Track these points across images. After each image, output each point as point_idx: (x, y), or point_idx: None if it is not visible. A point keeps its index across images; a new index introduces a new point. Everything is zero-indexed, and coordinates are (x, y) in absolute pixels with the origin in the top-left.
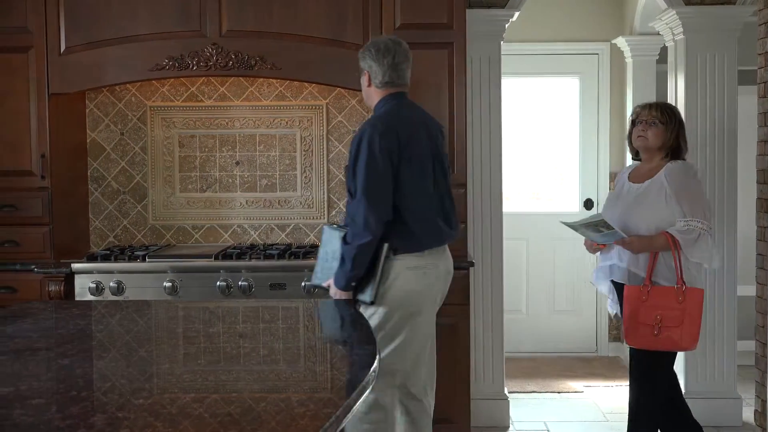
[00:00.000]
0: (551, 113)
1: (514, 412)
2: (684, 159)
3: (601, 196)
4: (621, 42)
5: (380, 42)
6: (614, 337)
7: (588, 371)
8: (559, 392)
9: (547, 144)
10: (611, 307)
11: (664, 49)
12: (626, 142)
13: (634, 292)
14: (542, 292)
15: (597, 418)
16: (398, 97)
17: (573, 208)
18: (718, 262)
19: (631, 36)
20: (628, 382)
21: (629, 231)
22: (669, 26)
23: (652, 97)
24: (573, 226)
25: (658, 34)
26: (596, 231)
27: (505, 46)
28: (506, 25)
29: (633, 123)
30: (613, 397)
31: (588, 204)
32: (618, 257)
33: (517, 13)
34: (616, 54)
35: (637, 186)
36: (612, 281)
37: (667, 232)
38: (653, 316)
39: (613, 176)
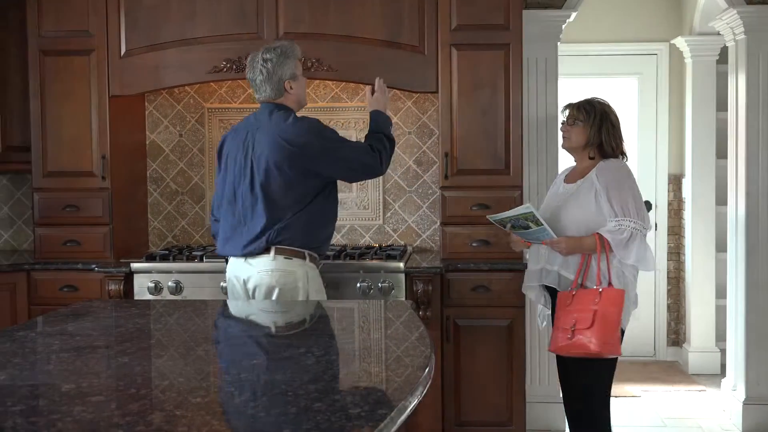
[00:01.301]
0: None
1: None
2: (618, 157)
3: (660, 198)
4: (680, 42)
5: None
6: (672, 341)
7: (646, 375)
8: (616, 396)
9: None
10: (540, 318)
11: (724, 50)
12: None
13: (563, 298)
14: None
15: (655, 424)
16: None
17: None
18: (653, 265)
19: (691, 36)
20: (687, 387)
21: (559, 232)
22: (729, 26)
23: (712, 99)
24: (501, 221)
25: (719, 34)
26: (525, 227)
27: (561, 47)
28: (563, 26)
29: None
30: (672, 402)
31: (646, 206)
32: (547, 260)
33: (574, 14)
34: (675, 54)
35: (569, 186)
36: (545, 286)
37: (597, 232)
38: (571, 320)
39: (672, 179)
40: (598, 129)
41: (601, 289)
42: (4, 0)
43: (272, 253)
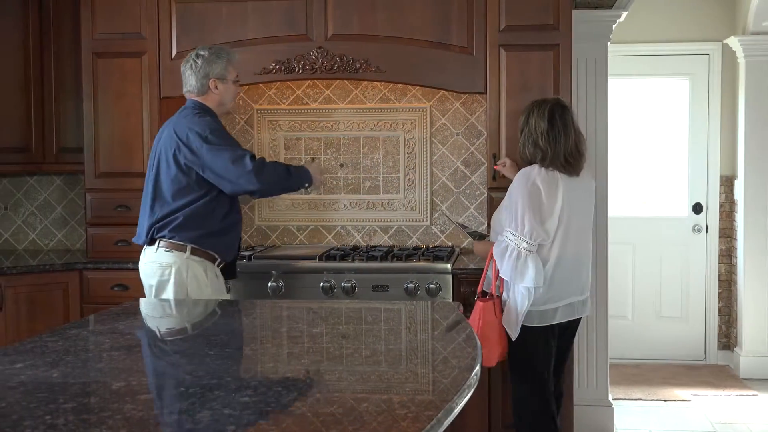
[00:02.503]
0: (659, 115)
1: (618, 420)
2: (537, 163)
3: (711, 200)
4: (733, 42)
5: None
6: (723, 345)
7: (696, 379)
8: (665, 400)
9: (654, 147)
10: None
11: None
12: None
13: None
14: (648, 297)
15: (705, 429)
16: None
17: (681, 212)
18: (530, 281)
19: (744, 36)
20: (739, 392)
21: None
22: None
23: (765, 100)
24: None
25: None
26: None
27: (611, 47)
28: (613, 26)
29: None
30: (722, 407)
31: (697, 208)
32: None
33: (624, 14)
34: (728, 54)
35: None
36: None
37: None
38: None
39: (724, 180)
40: (522, 138)
41: (477, 297)
42: (58, 4)
43: (155, 245)
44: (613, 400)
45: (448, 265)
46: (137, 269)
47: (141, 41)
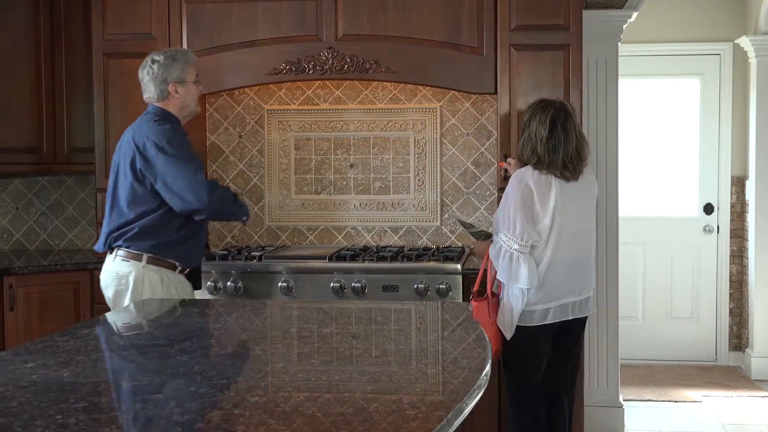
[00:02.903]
0: (670, 115)
1: (629, 421)
2: (533, 166)
3: (722, 200)
4: (744, 42)
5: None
6: (734, 346)
7: (707, 380)
8: (676, 401)
9: (665, 147)
10: None
11: None
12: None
13: None
14: (659, 298)
15: (716, 430)
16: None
17: (692, 212)
18: (525, 282)
19: (756, 35)
20: (750, 393)
21: None
22: None
23: None
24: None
25: None
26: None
27: (622, 47)
28: (624, 26)
29: None
30: (733, 408)
31: (708, 209)
32: None
33: (635, 14)
34: (739, 54)
35: None
36: None
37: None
38: None
39: (735, 180)
40: (522, 140)
41: (471, 298)
42: (69, 5)
43: (113, 254)
44: (624, 400)
45: (459, 266)
46: None
47: (151, 41)
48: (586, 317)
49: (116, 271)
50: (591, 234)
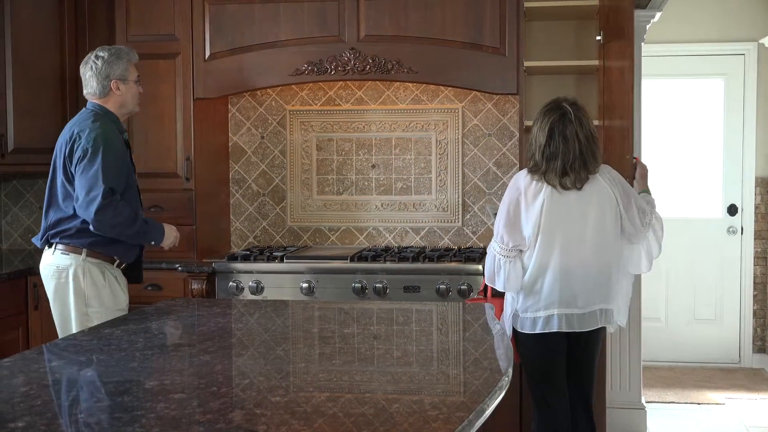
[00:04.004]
0: (694, 116)
1: (651, 423)
2: (529, 169)
3: (746, 201)
4: None
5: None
6: (758, 348)
7: (730, 383)
8: (699, 404)
9: (689, 148)
10: None
11: None
12: None
13: None
14: (682, 300)
15: None
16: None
17: (716, 213)
18: (501, 286)
19: None
20: None
21: None
22: None
23: None
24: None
25: None
26: None
27: (645, 48)
28: (647, 26)
29: None
30: (757, 410)
31: (732, 210)
32: None
33: (658, 14)
34: (764, 54)
35: None
36: None
37: None
38: None
39: (760, 182)
40: (528, 142)
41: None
42: (93, 6)
43: (53, 248)
44: (647, 402)
45: (480, 266)
46: (171, 269)
47: (174, 43)
48: (600, 331)
49: (56, 265)
50: (602, 244)
